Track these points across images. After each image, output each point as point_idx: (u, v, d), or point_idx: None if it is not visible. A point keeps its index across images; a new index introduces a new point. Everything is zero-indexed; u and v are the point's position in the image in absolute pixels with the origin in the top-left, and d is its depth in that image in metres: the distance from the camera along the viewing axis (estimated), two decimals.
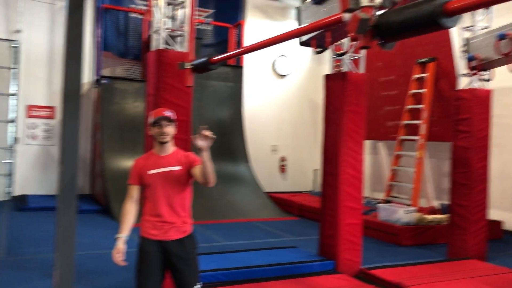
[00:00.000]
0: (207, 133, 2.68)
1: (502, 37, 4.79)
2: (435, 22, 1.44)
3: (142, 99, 9.08)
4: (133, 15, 10.01)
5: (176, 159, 3.02)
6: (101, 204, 8.47)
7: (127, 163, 8.67)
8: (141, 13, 9.93)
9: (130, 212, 3.00)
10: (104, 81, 8.99)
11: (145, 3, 10.05)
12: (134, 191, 3.04)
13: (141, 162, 3.07)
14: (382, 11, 1.62)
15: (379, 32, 1.58)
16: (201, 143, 2.70)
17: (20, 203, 8.32)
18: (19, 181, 9.15)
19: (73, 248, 3.80)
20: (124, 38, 9.99)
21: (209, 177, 2.87)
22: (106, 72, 9.72)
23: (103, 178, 8.35)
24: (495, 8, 5.82)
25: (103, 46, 9.67)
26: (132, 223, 3.00)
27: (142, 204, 3.08)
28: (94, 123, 9.54)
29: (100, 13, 9.57)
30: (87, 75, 9.64)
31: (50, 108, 9.42)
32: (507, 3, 2.07)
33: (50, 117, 9.42)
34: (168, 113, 3.05)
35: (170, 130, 3.02)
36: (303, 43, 4.65)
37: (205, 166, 2.82)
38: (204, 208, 8.19)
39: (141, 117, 8.92)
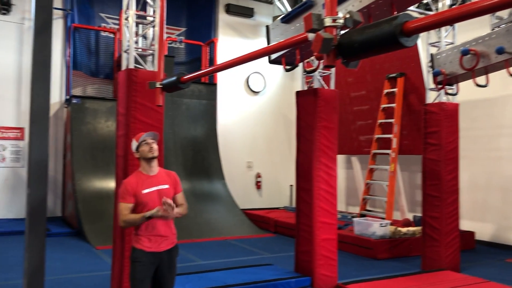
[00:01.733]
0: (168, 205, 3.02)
1: (465, 52, 4.94)
2: (395, 42, 1.48)
3: (114, 119, 8.97)
4: (104, 34, 9.94)
5: (164, 178, 3.28)
6: (73, 226, 8.27)
7: (100, 183, 8.52)
8: (113, 32, 9.88)
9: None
10: (74, 100, 8.85)
11: (116, 22, 10.02)
12: (128, 209, 3.16)
13: (133, 181, 3.21)
14: (344, 31, 1.66)
15: (342, 51, 1.61)
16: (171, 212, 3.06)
17: None
18: None
19: (43, 273, 3.70)
20: (95, 57, 9.90)
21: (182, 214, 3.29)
22: (77, 91, 9.59)
23: (74, 199, 8.16)
24: (458, 24, 6.03)
25: (74, 65, 9.56)
26: None
27: None
28: (65, 143, 9.36)
29: (70, 33, 9.47)
30: (57, 95, 9.50)
31: (19, 129, 9.21)
32: (469, 20, 2.13)
33: (19, 138, 9.20)
34: (151, 132, 3.29)
35: (157, 146, 3.24)
36: (272, 61, 4.71)
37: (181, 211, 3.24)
38: (179, 227, 8.00)
39: (113, 137, 8.79)
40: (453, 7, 5.59)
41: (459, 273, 5.66)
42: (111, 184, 8.42)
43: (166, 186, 3.22)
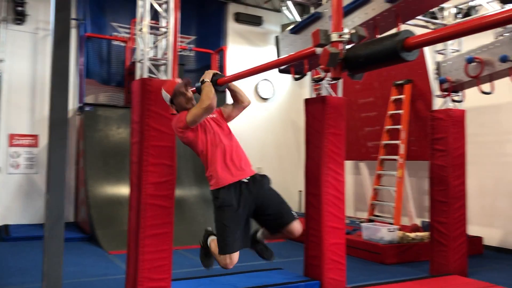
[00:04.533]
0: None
1: (470, 60, 5.04)
2: (396, 56, 1.60)
3: (126, 126, 9.14)
4: (116, 43, 10.14)
5: None
6: (86, 232, 8.42)
7: (112, 189, 8.67)
8: (124, 41, 10.08)
9: None
10: (87, 108, 9.04)
11: (127, 31, 10.22)
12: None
13: None
14: (350, 46, 1.78)
15: (348, 65, 1.73)
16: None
17: (2, 233, 8.22)
18: (0, 211, 9.04)
19: (60, 277, 3.83)
20: (107, 65, 10.10)
21: (243, 95, 3.36)
22: (89, 99, 9.79)
23: (87, 205, 8.32)
24: None
25: (86, 73, 9.75)
26: None
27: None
28: (78, 150, 9.54)
29: (83, 42, 9.69)
30: (71, 102, 9.69)
31: (33, 136, 9.41)
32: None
33: (33, 145, 9.40)
34: (178, 80, 3.31)
35: (191, 93, 3.28)
36: (282, 71, 4.84)
37: (235, 88, 3.29)
38: (188, 233, 8.19)
39: (125, 143, 8.96)
40: (450, 24, 5.69)
41: (467, 277, 5.71)
42: (122, 190, 8.58)
43: (215, 115, 3.38)
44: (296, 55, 2.16)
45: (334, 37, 1.73)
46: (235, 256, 3.11)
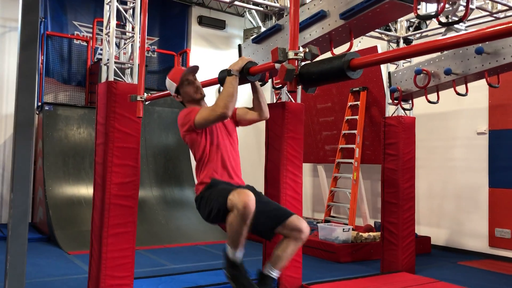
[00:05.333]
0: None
1: (418, 72, 5.42)
2: (343, 74, 1.85)
3: (86, 126, 9.11)
4: (77, 42, 10.08)
5: None
6: (44, 232, 8.34)
7: (71, 190, 8.62)
8: (85, 40, 10.02)
9: None
10: (47, 107, 8.94)
11: (89, 30, 10.16)
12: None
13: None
14: (304, 63, 2.02)
15: (302, 80, 1.96)
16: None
17: None
18: None
19: (24, 276, 3.88)
20: (68, 64, 10.02)
21: (265, 105, 2.97)
22: (48, 98, 9.68)
23: (45, 206, 8.24)
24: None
25: (46, 72, 9.64)
26: None
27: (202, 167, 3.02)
28: (36, 150, 9.41)
29: (43, 40, 9.57)
30: None
31: None
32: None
33: None
34: (183, 67, 3.08)
35: (199, 82, 2.93)
36: None
37: (262, 94, 2.92)
38: (149, 233, 8.28)
39: (85, 144, 8.94)
40: (402, 36, 6.07)
41: (414, 274, 6.10)
42: (82, 190, 8.55)
43: None
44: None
45: (291, 54, 1.96)
46: (246, 191, 2.62)
